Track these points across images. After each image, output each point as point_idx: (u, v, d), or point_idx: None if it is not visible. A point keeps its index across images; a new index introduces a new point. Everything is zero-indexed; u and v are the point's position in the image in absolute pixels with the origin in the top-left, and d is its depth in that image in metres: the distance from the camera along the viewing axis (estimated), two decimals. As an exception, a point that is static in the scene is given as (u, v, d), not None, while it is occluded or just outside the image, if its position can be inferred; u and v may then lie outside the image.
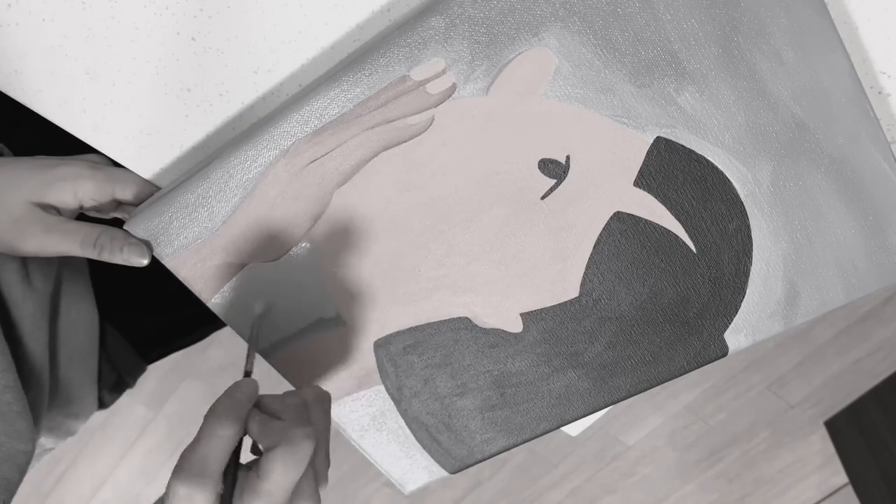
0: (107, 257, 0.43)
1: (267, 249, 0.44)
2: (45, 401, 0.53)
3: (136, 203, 0.45)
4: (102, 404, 0.64)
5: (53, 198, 0.43)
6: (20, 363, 0.50)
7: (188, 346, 0.72)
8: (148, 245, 0.44)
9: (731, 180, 0.40)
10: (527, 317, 0.45)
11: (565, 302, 0.44)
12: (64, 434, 0.61)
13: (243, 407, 0.37)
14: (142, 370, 0.68)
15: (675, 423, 1.56)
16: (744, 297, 0.43)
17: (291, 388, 0.50)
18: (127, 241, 0.44)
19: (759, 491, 1.63)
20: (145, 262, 0.44)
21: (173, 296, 0.65)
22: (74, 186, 0.43)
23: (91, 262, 0.59)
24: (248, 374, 0.41)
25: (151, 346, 0.69)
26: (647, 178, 0.40)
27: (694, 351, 0.45)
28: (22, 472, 0.46)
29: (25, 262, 0.50)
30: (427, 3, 0.38)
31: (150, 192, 0.45)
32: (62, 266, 0.55)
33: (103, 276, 0.60)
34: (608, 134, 0.39)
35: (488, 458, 0.51)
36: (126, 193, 0.44)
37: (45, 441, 0.59)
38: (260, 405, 0.38)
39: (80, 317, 0.57)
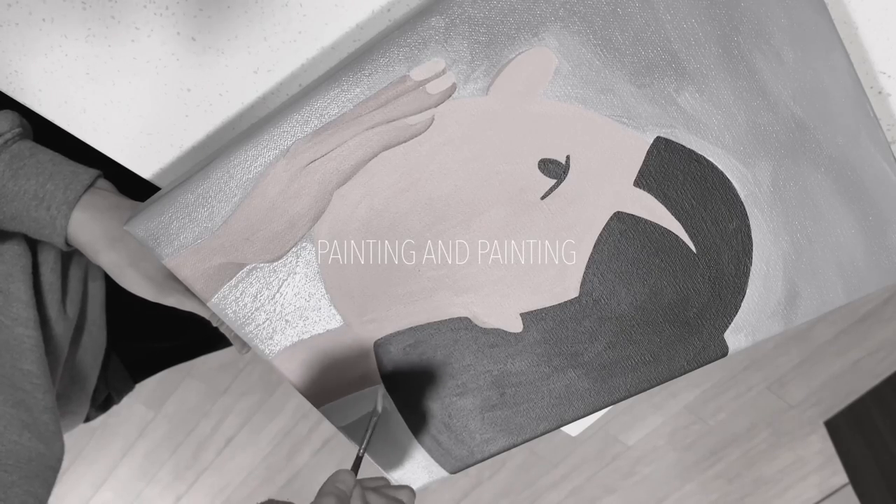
0: (224, 330, 0.52)
1: (267, 249, 0.44)
2: None
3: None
4: (87, 419, 0.67)
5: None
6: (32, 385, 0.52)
7: (175, 365, 0.76)
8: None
9: (731, 180, 0.40)
10: (527, 317, 0.45)
11: (565, 302, 0.44)
12: None
13: (346, 498, 0.43)
14: (130, 389, 0.71)
15: (675, 423, 1.56)
16: (744, 297, 0.43)
17: (291, 388, 0.50)
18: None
19: (759, 491, 1.63)
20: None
21: (171, 326, 0.69)
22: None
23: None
24: (359, 459, 0.46)
25: (143, 368, 0.73)
26: (647, 178, 0.40)
27: (694, 351, 0.45)
28: (49, 489, 0.48)
29: (65, 288, 0.53)
30: (427, 3, 0.38)
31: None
32: (85, 293, 0.58)
33: (111, 308, 0.63)
34: (608, 134, 0.39)
35: (488, 458, 0.51)
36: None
37: None
38: (364, 494, 0.44)
39: (92, 341, 0.60)
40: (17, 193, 0.44)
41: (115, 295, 0.64)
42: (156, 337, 0.73)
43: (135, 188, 0.51)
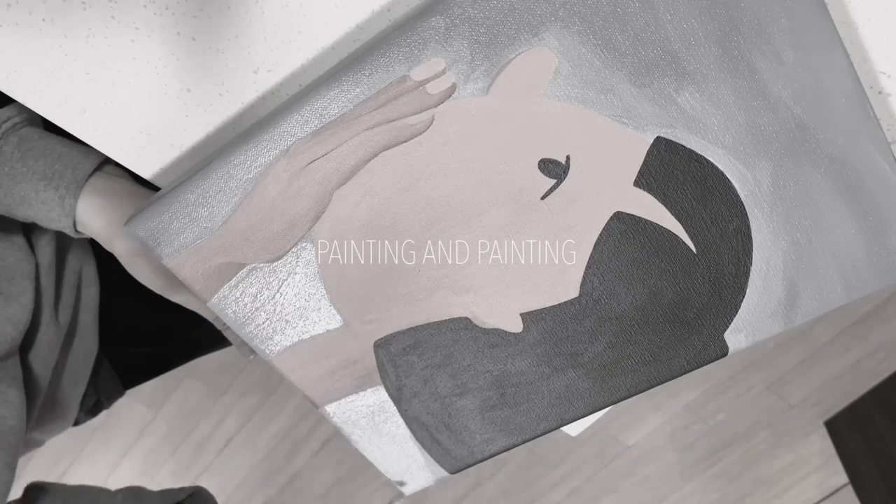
0: (227, 334, 0.52)
1: (267, 249, 0.44)
2: (33, 420, 0.54)
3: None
4: (76, 423, 0.66)
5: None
6: (27, 384, 0.51)
7: (166, 373, 0.75)
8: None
9: (731, 180, 0.40)
10: (527, 317, 0.45)
11: (565, 302, 0.44)
12: (31, 447, 0.63)
13: None
14: (120, 395, 0.70)
15: (675, 423, 1.56)
16: (744, 297, 0.43)
17: (291, 388, 0.50)
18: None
19: (759, 491, 1.63)
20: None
21: (161, 330, 0.70)
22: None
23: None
24: None
25: (133, 374, 0.73)
26: (647, 178, 0.40)
27: (694, 351, 0.45)
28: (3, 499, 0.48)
29: (58, 294, 0.53)
30: (427, 3, 0.38)
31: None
32: (78, 300, 0.58)
33: (103, 313, 0.63)
34: (608, 134, 0.39)
35: (488, 458, 0.51)
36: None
37: None
38: None
39: (83, 347, 0.59)
40: (25, 174, 0.44)
41: (108, 300, 0.64)
42: (147, 342, 0.72)
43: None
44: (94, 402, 0.68)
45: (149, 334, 0.71)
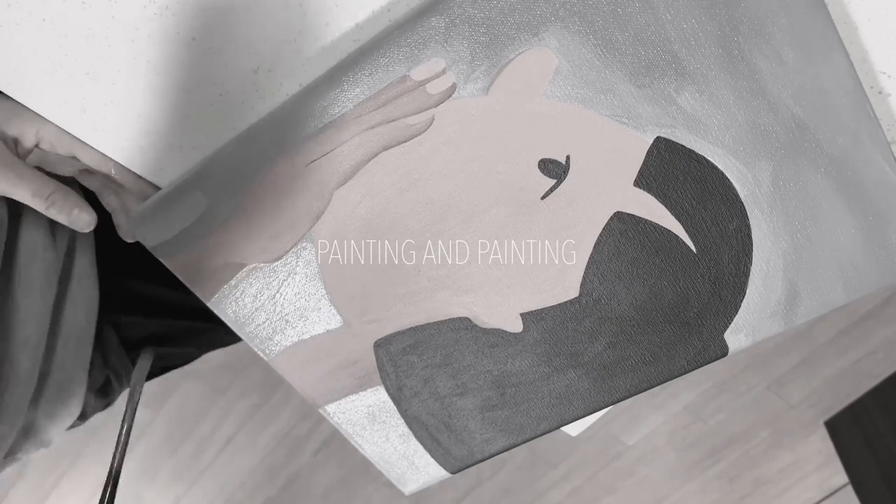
0: (53, 214, 0.42)
1: (267, 249, 0.44)
2: (32, 385, 0.51)
3: (97, 170, 0.45)
4: (83, 415, 0.63)
5: (15, 129, 0.44)
6: (20, 327, 0.48)
7: (178, 367, 0.73)
8: (94, 218, 0.44)
9: (731, 180, 0.40)
10: (527, 317, 0.45)
11: (565, 302, 0.44)
12: (36, 442, 0.58)
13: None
14: (129, 371, 0.67)
15: (675, 423, 1.56)
16: (744, 297, 0.43)
17: (292, 388, 0.50)
18: (78, 204, 0.43)
19: (759, 491, 1.63)
20: (88, 229, 0.44)
21: (170, 304, 0.67)
22: (39, 124, 0.44)
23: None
24: None
25: (140, 347, 0.69)
26: (647, 178, 0.40)
27: (694, 351, 0.45)
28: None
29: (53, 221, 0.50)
30: (427, 3, 0.38)
31: (108, 169, 0.45)
32: (73, 237, 0.55)
33: (104, 274, 0.60)
34: (608, 134, 0.39)
35: (488, 458, 0.51)
36: (87, 157, 0.45)
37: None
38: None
39: (83, 292, 0.56)
40: None
41: (114, 298, 0.63)
42: (153, 313, 0.69)
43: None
44: (104, 381, 0.65)
45: (154, 307, 0.68)
